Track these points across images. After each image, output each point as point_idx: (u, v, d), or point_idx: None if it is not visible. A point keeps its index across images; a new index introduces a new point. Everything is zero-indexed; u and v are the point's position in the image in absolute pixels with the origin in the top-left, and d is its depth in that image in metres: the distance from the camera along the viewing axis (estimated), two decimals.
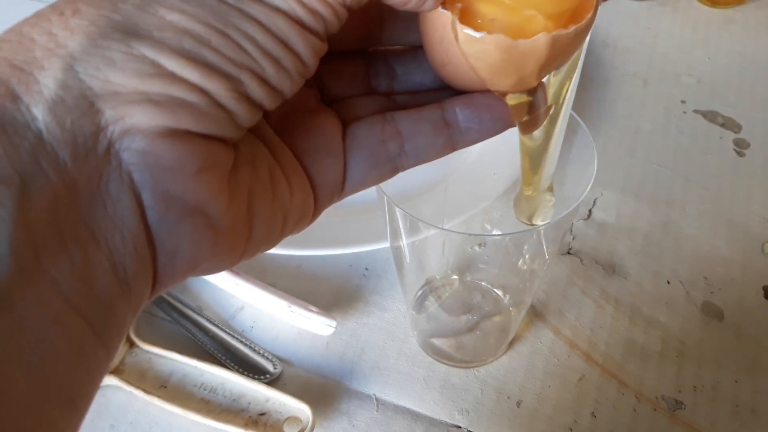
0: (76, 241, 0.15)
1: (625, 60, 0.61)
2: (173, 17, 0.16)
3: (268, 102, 0.18)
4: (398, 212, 0.30)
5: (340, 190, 0.22)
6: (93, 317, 0.15)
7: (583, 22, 0.18)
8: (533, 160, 0.29)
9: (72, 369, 0.15)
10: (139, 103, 0.16)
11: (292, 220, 0.21)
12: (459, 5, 0.19)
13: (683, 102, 0.57)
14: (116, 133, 0.15)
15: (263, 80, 0.17)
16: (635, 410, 0.38)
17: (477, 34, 0.18)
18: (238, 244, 0.19)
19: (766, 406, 0.38)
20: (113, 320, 0.16)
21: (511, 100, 0.21)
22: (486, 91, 0.21)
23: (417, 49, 0.21)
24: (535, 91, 0.21)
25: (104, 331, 0.16)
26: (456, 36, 0.19)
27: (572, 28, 0.18)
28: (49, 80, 0.15)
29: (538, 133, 0.27)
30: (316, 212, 0.22)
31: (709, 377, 0.39)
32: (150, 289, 0.17)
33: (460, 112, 0.21)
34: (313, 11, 0.17)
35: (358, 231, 0.44)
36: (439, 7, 0.19)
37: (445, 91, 0.22)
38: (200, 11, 0.16)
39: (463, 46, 0.19)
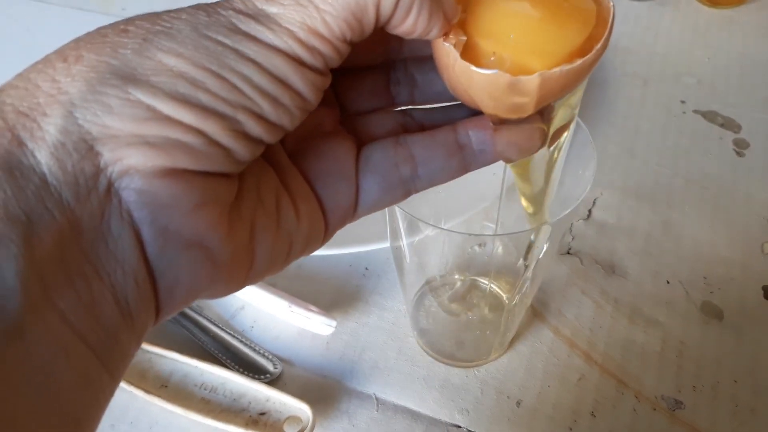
0: (81, 276, 0.16)
1: (625, 60, 0.61)
2: (170, 61, 0.17)
3: (268, 137, 0.18)
4: (398, 212, 0.30)
5: (353, 213, 0.22)
6: (98, 346, 0.16)
7: (586, 58, 0.19)
8: (530, 200, 0.29)
9: (78, 394, 0.16)
10: (136, 145, 0.16)
11: (299, 246, 0.21)
12: (463, 38, 0.19)
13: (683, 102, 0.57)
14: (115, 173, 0.16)
15: (261, 118, 0.18)
16: (635, 410, 0.38)
17: (476, 69, 0.19)
18: (240, 274, 0.19)
19: (766, 406, 0.38)
20: (118, 349, 0.17)
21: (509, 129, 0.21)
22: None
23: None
24: (534, 118, 0.21)
25: (109, 360, 0.16)
26: (454, 68, 0.19)
27: (577, 62, 0.19)
28: (50, 126, 0.16)
29: (536, 178, 0.27)
30: (327, 236, 0.22)
31: (709, 377, 0.39)
32: (153, 318, 0.18)
33: (473, 134, 0.21)
34: (312, 49, 0.18)
35: (358, 231, 0.44)
36: (442, 38, 0.19)
37: (464, 107, 0.22)
38: (196, 54, 0.17)
39: (461, 79, 0.19)
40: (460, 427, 0.37)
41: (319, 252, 0.42)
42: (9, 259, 0.14)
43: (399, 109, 0.24)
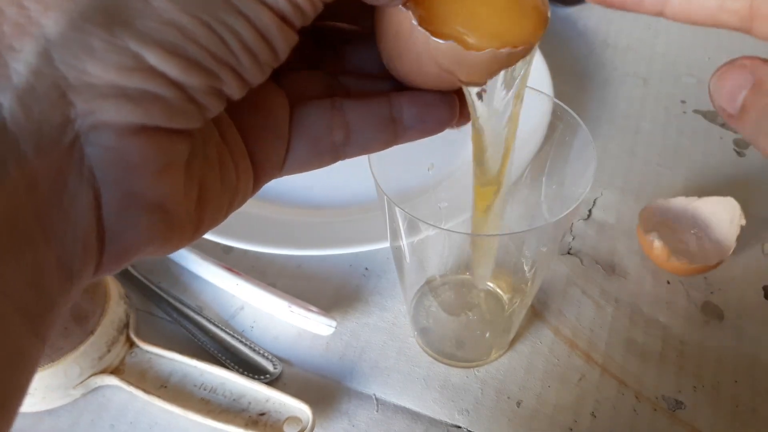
0: (28, 242, 0.14)
1: (625, 60, 0.61)
2: (160, 3, 0.15)
3: (237, 94, 0.17)
4: (398, 212, 0.30)
5: (278, 172, 0.21)
6: (35, 316, 0.15)
7: (526, 46, 0.20)
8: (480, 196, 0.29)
9: (10, 372, 0.14)
10: (112, 97, 0.15)
11: (236, 202, 0.20)
12: (420, 11, 0.20)
13: (683, 102, 0.57)
14: (84, 126, 0.15)
15: (238, 75, 0.17)
16: (635, 410, 0.38)
17: (434, 38, 0.19)
18: (188, 233, 0.18)
19: (766, 406, 0.38)
20: (53, 315, 0.15)
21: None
22: (431, 91, 0.22)
23: (366, 33, 0.21)
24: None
25: (43, 327, 0.15)
26: (410, 34, 0.20)
27: (519, 48, 0.20)
28: (20, 65, 0.14)
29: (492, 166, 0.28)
30: (253, 192, 0.21)
31: (709, 377, 0.39)
32: (90, 277, 0.17)
33: (406, 110, 0.21)
34: (296, 6, 0.17)
35: (358, 231, 0.44)
36: (400, 5, 0.19)
37: (389, 79, 0.22)
38: None
39: (415, 45, 0.20)
40: (460, 427, 0.37)
41: (319, 252, 0.43)
42: None
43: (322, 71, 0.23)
